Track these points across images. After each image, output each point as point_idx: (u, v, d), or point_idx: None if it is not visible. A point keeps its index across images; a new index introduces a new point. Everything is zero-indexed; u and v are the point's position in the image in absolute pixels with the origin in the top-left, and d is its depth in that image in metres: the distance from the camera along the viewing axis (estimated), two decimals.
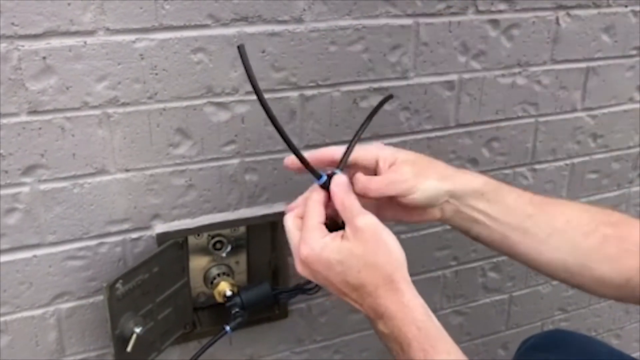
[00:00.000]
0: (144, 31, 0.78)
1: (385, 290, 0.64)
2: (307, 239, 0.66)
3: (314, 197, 0.69)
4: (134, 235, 0.88)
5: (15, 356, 0.87)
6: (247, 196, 0.93)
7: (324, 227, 0.67)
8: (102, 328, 0.89)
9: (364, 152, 0.72)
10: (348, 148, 0.71)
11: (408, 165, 0.71)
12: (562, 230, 0.72)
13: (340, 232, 0.67)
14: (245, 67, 0.63)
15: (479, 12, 0.95)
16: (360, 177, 0.69)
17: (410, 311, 0.63)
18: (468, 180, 0.73)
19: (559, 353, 0.92)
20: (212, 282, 0.95)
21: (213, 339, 0.85)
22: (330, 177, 0.69)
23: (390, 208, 0.74)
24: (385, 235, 0.66)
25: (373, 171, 0.72)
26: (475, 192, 0.72)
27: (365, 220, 0.66)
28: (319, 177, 0.69)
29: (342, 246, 0.65)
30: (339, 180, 0.68)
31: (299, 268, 0.68)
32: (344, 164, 0.71)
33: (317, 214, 0.68)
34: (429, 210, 0.73)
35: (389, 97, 0.80)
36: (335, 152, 0.72)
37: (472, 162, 1.07)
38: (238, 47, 0.64)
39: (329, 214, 0.69)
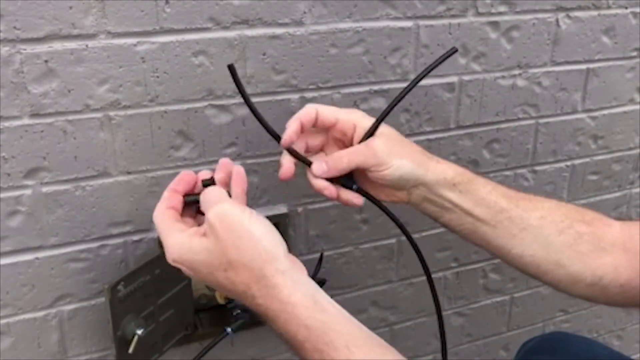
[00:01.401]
0: (145, 34, 0.78)
1: (259, 288, 0.57)
2: (165, 242, 0.61)
3: (165, 194, 0.65)
4: (136, 237, 0.88)
5: (17, 358, 0.87)
6: (248, 198, 0.93)
7: (178, 224, 0.63)
8: (104, 330, 0.89)
9: (345, 115, 0.71)
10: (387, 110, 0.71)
11: (382, 140, 0.70)
12: (535, 226, 0.70)
13: (201, 228, 0.61)
14: (236, 85, 0.65)
15: (479, 14, 0.95)
16: (328, 158, 0.69)
17: (293, 308, 0.56)
18: (441, 170, 0.71)
19: (559, 355, 0.92)
20: None
21: (214, 340, 0.85)
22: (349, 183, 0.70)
23: (360, 178, 0.72)
24: (249, 223, 0.58)
25: (349, 137, 0.71)
26: (447, 182, 0.71)
27: (217, 211, 0.58)
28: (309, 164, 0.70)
29: (201, 245, 0.59)
30: (210, 193, 0.63)
31: None
32: (372, 131, 0.70)
33: (169, 214, 0.63)
34: (397, 192, 0.72)
35: (453, 51, 0.74)
36: (320, 111, 0.70)
37: (473, 164, 1.07)
38: (228, 66, 0.65)
39: None
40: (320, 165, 0.69)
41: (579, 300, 1.31)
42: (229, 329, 0.85)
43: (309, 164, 0.71)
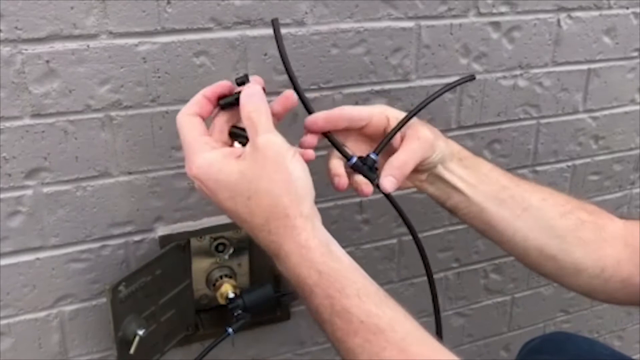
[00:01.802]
0: (147, 34, 0.78)
1: (278, 225, 0.56)
2: (192, 156, 0.58)
3: (197, 97, 0.62)
4: (137, 237, 0.88)
5: (18, 358, 0.87)
6: None
7: (206, 138, 0.60)
8: (105, 330, 0.89)
9: (372, 110, 0.69)
10: (398, 125, 0.69)
11: (424, 127, 0.69)
12: (537, 207, 0.70)
13: (237, 150, 0.59)
14: (276, 40, 0.63)
15: (480, 14, 0.95)
16: (393, 171, 0.66)
17: (308, 252, 0.56)
18: (449, 145, 0.72)
19: (561, 356, 0.92)
20: (214, 284, 0.95)
21: (215, 341, 0.85)
22: (361, 158, 0.66)
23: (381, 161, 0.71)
24: (290, 161, 0.57)
25: (381, 131, 0.69)
26: (454, 156, 0.71)
27: (267, 139, 0.56)
28: (348, 157, 0.67)
29: (233, 167, 0.57)
30: (251, 91, 0.60)
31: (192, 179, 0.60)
32: (383, 146, 0.68)
33: (196, 123, 0.60)
34: (420, 175, 0.71)
35: (471, 78, 0.76)
36: (352, 112, 0.67)
37: None
38: (272, 20, 0.63)
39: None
40: (390, 182, 0.66)
41: (580, 301, 1.32)
42: (230, 330, 0.86)
43: (348, 157, 0.68)
